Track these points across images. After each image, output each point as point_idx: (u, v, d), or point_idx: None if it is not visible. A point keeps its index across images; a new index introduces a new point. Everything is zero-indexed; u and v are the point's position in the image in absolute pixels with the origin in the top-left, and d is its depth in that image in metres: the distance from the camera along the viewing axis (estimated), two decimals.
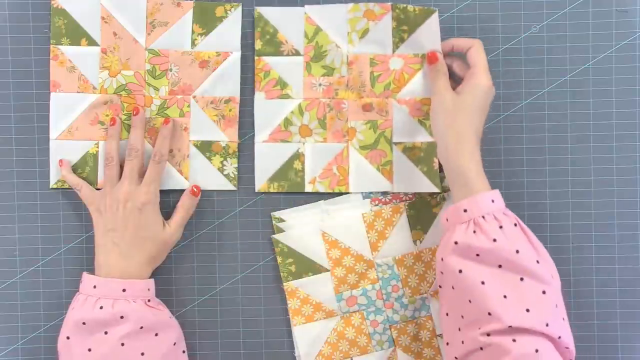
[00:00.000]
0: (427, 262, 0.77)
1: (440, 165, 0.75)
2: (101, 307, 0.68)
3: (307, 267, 0.77)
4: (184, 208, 0.76)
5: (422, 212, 0.77)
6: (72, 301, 0.71)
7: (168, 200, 0.78)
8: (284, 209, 0.78)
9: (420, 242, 0.77)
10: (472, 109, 0.70)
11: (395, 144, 0.78)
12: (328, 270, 0.77)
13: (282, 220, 0.77)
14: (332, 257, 0.76)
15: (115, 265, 0.71)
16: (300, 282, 0.77)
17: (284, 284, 0.77)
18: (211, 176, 0.78)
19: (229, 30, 0.78)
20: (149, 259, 0.73)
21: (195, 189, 0.76)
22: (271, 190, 0.78)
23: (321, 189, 0.78)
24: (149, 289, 0.72)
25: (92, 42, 0.78)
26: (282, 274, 0.77)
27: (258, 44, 0.78)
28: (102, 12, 0.77)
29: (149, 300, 0.71)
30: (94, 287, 0.69)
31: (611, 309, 0.78)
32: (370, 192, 0.78)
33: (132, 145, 0.74)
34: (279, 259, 0.77)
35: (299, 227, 0.77)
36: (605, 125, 0.78)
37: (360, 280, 0.77)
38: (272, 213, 0.78)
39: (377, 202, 0.77)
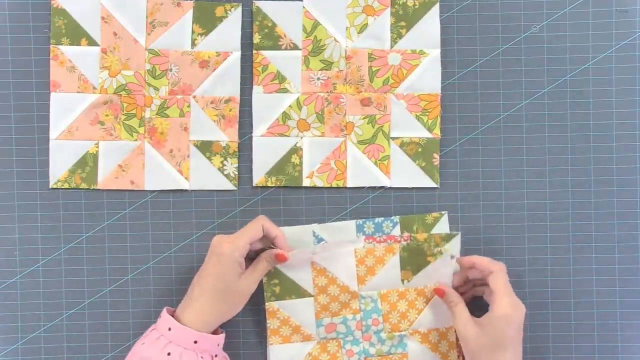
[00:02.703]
0: (411, 301, 0.76)
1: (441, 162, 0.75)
2: (169, 354, 0.67)
3: (292, 290, 0.76)
4: (266, 263, 0.73)
5: (415, 256, 0.76)
6: (147, 332, 0.70)
7: (168, 201, 0.78)
8: (284, 208, 0.78)
9: (408, 281, 0.76)
10: (496, 345, 0.68)
11: (393, 138, 0.78)
12: (312, 296, 0.76)
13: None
14: (317, 284, 0.76)
15: (191, 305, 0.70)
16: (283, 303, 0.76)
17: (266, 303, 0.76)
18: (211, 176, 0.78)
19: (229, 30, 0.78)
20: (219, 310, 0.71)
21: (282, 256, 0.73)
22: (269, 184, 0.78)
23: (319, 183, 0.78)
24: (218, 344, 0.71)
25: (92, 42, 0.78)
26: (265, 293, 0.76)
27: (256, 38, 0.78)
28: (102, 12, 0.78)
29: (215, 356, 0.70)
30: (169, 329, 0.68)
31: (611, 309, 0.78)
32: (364, 222, 0.77)
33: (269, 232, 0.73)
34: (264, 279, 0.75)
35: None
36: (605, 125, 0.78)
37: (342, 309, 0.76)
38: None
39: (371, 240, 0.77)
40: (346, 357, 0.76)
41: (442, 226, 0.77)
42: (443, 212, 0.77)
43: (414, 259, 0.76)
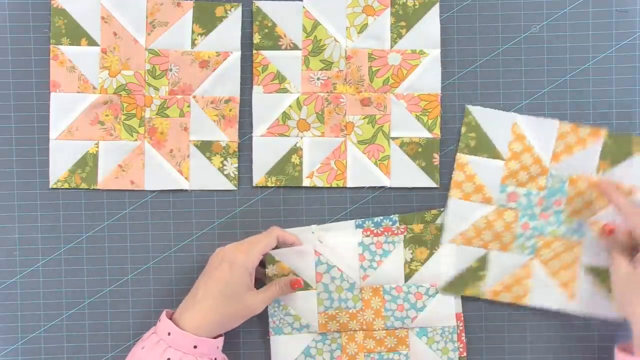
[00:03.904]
0: (600, 193, 0.74)
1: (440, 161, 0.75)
2: (168, 359, 0.67)
3: (485, 148, 0.75)
4: (278, 288, 0.74)
5: (620, 146, 0.74)
6: (146, 334, 0.70)
7: (168, 201, 0.78)
8: (284, 208, 0.78)
9: (604, 172, 0.74)
10: None
11: (393, 138, 0.78)
12: (503, 160, 0.75)
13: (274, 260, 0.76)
14: (512, 149, 0.75)
15: (193, 307, 0.69)
16: (473, 159, 0.76)
17: (458, 154, 0.76)
18: (211, 176, 0.78)
19: (229, 30, 0.78)
20: (222, 317, 0.70)
21: (297, 283, 0.74)
22: (269, 184, 0.78)
23: (319, 183, 0.78)
24: (217, 347, 0.71)
25: (92, 42, 0.78)
26: (460, 144, 0.76)
27: (256, 38, 0.78)
28: (102, 12, 0.78)
29: (215, 359, 0.70)
30: (169, 334, 0.68)
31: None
32: (364, 222, 0.77)
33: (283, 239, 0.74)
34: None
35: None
36: (605, 125, 0.78)
37: (528, 181, 0.75)
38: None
39: (369, 232, 0.77)
40: (521, 229, 0.75)
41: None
42: (442, 209, 0.77)
43: (618, 149, 0.74)
